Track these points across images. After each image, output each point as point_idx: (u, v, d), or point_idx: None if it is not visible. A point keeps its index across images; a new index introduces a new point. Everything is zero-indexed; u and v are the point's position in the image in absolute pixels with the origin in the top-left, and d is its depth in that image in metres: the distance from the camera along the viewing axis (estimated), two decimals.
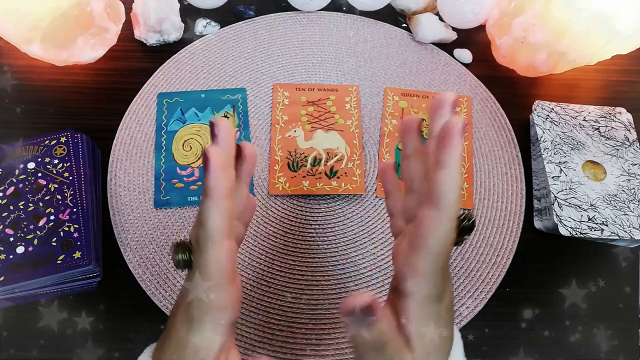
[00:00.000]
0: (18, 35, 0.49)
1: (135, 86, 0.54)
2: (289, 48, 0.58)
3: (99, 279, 0.43)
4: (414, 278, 0.27)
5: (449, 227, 0.26)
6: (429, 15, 0.58)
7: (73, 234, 0.41)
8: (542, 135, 0.49)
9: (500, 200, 0.49)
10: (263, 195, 0.48)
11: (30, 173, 0.44)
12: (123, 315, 0.43)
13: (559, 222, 0.43)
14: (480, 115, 0.54)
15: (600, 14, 0.47)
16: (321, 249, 0.46)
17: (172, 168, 0.49)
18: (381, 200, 0.49)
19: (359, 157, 0.50)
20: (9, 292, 0.40)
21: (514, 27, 0.52)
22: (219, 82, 0.55)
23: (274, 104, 0.53)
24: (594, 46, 0.50)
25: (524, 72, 0.56)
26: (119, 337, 0.42)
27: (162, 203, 0.47)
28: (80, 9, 0.49)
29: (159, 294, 0.43)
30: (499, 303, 0.44)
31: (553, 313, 0.44)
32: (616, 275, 0.46)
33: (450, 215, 0.25)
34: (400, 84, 0.56)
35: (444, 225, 0.26)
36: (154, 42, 0.56)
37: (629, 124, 0.50)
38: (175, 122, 0.52)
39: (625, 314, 0.45)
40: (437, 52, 0.58)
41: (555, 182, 0.46)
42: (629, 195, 0.45)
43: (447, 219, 0.25)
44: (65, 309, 0.42)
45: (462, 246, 0.46)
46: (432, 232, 0.26)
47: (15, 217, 0.42)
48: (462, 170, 0.31)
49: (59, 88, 0.54)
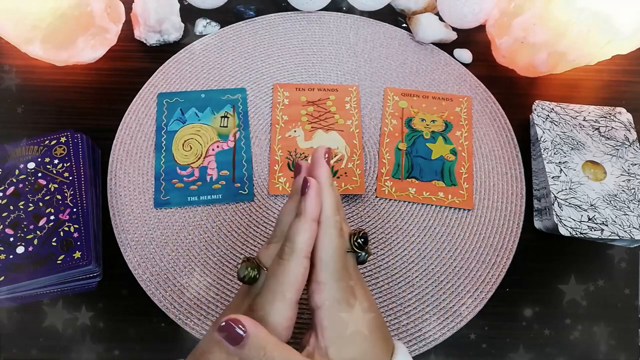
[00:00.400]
0: (18, 35, 0.49)
1: (135, 86, 0.54)
2: (289, 48, 0.58)
3: (99, 279, 0.43)
4: (318, 290, 0.31)
5: (329, 234, 0.31)
6: (429, 15, 0.58)
7: (73, 234, 0.41)
8: (542, 135, 0.49)
9: (500, 200, 0.49)
10: (263, 195, 0.48)
11: (30, 173, 0.44)
12: (123, 315, 0.43)
13: (559, 222, 0.43)
14: (480, 115, 0.54)
15: (600, 14, 0.47)
16: None
17: (172, 168, 0.49)
18: (381, 200, 0.49)
19: (359, 157, 0.50)
20: (9, 292, 0.40)
21: (514, 27, 0.52)
22: (219, 82, 0.55)
23: (274, 104, 0.53)
24: (594, 46, 0.50)
25: (524, 72, 0.56)
26: (119, 337, 0.42)
27: (162, 203, 0.47)
28: (81, 9, 0.49)
29: (159, 294, 0.43)
30: (499, 303, 0.44)
31: (553, 313, 0.44)
32: (616, 275, 0.46)
33: (327, 224, 0.31)
34: (400, 84, 0.56)
35: (324, 233, 0.31)
36: (154, 42, 0.56)
37: (629, 124, 0.50)
38: (175, 122, 0.52)
39: (625, 314, 0.45)
40: (437, 52, 0.58)
41: (555, 182, 0.46)
42: (629, 195, 0.45)
43: (324, 228, 0.31)
44: (65, 309, 0.42)
45: (462, 246, 0.46)
46: (318, 243, 0.31)
47: (15, 217, 0.42)
48: (334, 184, 0.34)
49: (59, 88, 0.54)
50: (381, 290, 0.44)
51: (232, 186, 0.48)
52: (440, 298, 0.44)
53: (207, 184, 0.48)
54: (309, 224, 0.31)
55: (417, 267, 0.45)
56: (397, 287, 0.45)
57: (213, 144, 0.50)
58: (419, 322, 0.43)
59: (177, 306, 0.43)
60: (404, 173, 0.50)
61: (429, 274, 0.45)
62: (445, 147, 0.51)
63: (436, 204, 0.48)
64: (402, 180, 0.49)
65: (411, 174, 0.50)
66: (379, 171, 0.50)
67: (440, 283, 0.45)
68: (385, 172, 0.50)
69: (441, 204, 0.48)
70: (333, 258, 0.31)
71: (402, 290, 0.44)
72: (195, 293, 0.43)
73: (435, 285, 0.45)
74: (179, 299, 0.43)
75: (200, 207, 0.47)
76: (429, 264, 0.46)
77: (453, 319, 0.43)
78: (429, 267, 0.46)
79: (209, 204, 0.47)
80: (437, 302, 0.44)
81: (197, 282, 0.44)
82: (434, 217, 0.48)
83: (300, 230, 0.30)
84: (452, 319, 0.43)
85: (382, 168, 0.50)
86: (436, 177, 0.49)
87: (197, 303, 0.43)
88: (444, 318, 0.43)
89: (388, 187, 0.49)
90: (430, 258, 0.46)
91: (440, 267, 0.45)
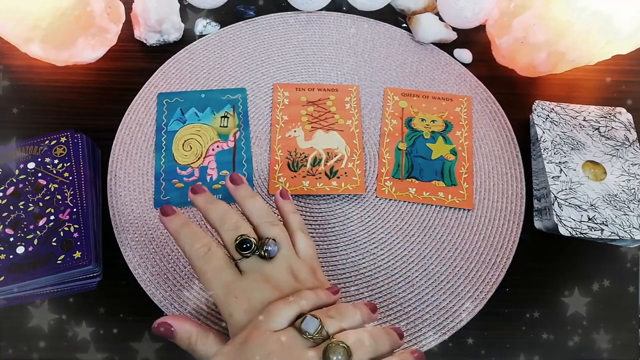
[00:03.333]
0: (18, 35, 0.49)
1: (135, 86, 0.54)
2: (289, 48, 0.58)
3: (99, 279, 0.43)
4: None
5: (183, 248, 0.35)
6: (429, 15, 0.58)
7: (73, 234, 0.41)
8: (542, 135, 0.49)
9: (500, 200, 0.49)
10: (263, 195, 0.48)
11: (30, 173, 0.44)
12: (123, 315, 0.43)
13: (559, 222, 0.43)
14: (480, 115, 0.54)
15: (600, 14, 0.47)
16: (321, 249, 0.46)
17: (172, 168, 0.49)
18: (381, 200, 0.49)
19: (359, 157, 0.50)
20: (8, 292, 0.40)
21: (513, 27, 0.52)
22: (219, 82, 0.55)
23: (274, 104, 0.53)
24: (594, 46, 0.50)
25: (524, 72, 0.56)
26: (119, 337, 0.42)
27: (162, 203, 0.47)
28: (81, 9, 0.49)
29: (159, 294, 0.43)
30: (499, 303, 0.44)
31: (553, 313, 0.44)
32: (616, 275, 0.46)
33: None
34: (400, 84, 0.56)
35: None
36: (154, 42, 0.56)
37: (629, 124, 0.50)
38: (175, 122, 0.52)
39: (626, 314, 0.45)
40: (437, 52, 0.58)
41: (555, 182, 0.46)
42: (629, 195, 0.45)
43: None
44: (65, 309, 0.42)
45: (462, 246, 0.46)
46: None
47: (15, 217, 0.42)
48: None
49: (59, 88, 0.54)
50: (381, 290, 0.44)
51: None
52: (440, 298, 0.44)
53: (207, 184, 0.48)
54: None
55: (417, 267, 0.46)
56: (397, 287, 0.45)
57: (213, 144, 0.51)
58: (419, 322, 0.43)
59: (177, 306, 0.43)
60: (404, 173, 0.50)
61: (429, 274, 0.45)
62: (445, 147, 0.51)
63: (436, 204, 0.48)
64: (402, 180, 0.49)
65: (411, 174, 0.50)
66: (379, 171, 0.50)
67: (440, 283, 0.45)
68: (385, 172, 0.50)
69: (441, 204, 0.48)
70: (195, 268, 0.35)
71: (402, 290, 0.44)
72: (196, 293, 0.43)
73: (435, 286, 0.45)
74: (179, 299, 0.43)
75: None
76: (429, 264, 0.46)
77: (453, 319, 0.43)
78: (429, 267, 0.46)
79: None
80: (437, 302, 0.44)
81: (197, 282, 0.44)
82: (434, 217, 0.48)
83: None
84: (451, 319, 0.43)
85: (382, 168, 0.50)
86: (436, 177, 0.50)
87: (197, 303, 0.43)
88: (443, 318, 0.43)
89: (388, 187, 0.49)
90: (430, 258, 0.46)
91: (440, 267, 0.46)
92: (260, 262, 0.35)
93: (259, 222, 0.37)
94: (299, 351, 0.30)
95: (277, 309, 0.32)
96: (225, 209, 0.37)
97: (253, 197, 0.38)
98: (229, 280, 0.34)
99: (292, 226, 0.39)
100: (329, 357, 0.29)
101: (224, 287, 0.33)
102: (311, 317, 0.31)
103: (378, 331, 0.33)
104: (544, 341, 0.43)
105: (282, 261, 0.35)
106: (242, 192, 0.39)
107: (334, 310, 0.33)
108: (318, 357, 0.30)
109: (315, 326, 0.31)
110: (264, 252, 0.35)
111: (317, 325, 0.31)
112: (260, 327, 0.31)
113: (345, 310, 0.33)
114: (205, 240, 0.35)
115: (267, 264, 0.35)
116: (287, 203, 0.40)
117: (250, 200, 0.38)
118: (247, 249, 0.34)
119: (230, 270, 0.34)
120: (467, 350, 0.43)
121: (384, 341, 0.32)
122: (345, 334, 0.31)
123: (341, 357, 0.29)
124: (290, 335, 0.31)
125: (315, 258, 0.38)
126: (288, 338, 0.30)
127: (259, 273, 0.34)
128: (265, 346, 0.30)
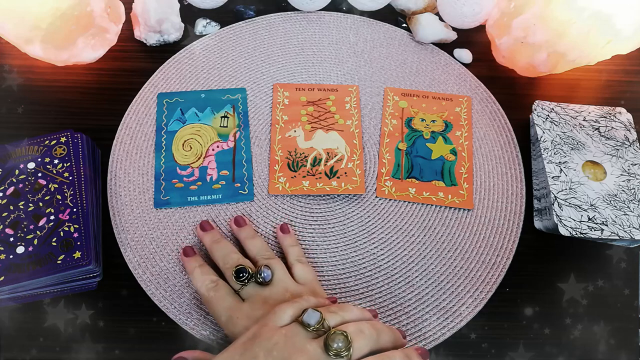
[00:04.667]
0: (18, 35, 0.49)
1: (135, 86, 0.54)
2: (289, 48, 0.58)
3: (99, 279, 0.43)
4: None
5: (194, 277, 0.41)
6: (429, 16, 0.58)
7: (73, 234, 0.41)
8: (542, 135, 0.49)
9: (500, 200, 0.49)
10: (263, 195, 0.48)
11: (30, 173, 0.44)
12: (123, 315, 0.43)
13: (559, 222, 0.43)
14: (480, 115, 0.54)
15: (600, 14, 0.47)
16: (321, 249, 0.46)
17: (172, 168, 0.49)
18: (381, 200, 0.49)
19: (359, 157, 0.50)
20: (8, 292, 0.40)
21: (514, 27, 0.52)
22: (219, 82, 0.55)
23: (274, 104, 0.53)
24: (594, 46, 0.50)
25: (524, 72, 0.56)
26: (119, 337, 0.42)
27: (162, 203, 0.47)
28: (81, 9, 0.49)
29: (159, 294, 0.43)
30: (499, 303, 0.44)
31: (553, 313, 0.44)
32: (616, 275, 0.46)
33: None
34: (400, 84, 0.56)
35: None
36: (154, 42, 0.56)
37: (629, 124, 0.50)
38: (175, 122, 0.52)
39: (625, 314, 0.45)
40: (437, 52, 0.58)
41: (555, 182, 0.46)
42: (629, 195, 0.45)
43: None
44: (65, 309, 0.42)
45: (462, 246, 0.46)
46: None
47: (15, 217, 0.42)
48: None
49: (59, 88, 0.54)
50: (381, 290, 0.44)
51: (232, 186, 0.48)
52: (440, 298, 0.44)
53: (207, 184, 0.48)
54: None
55: (417, 267, 0.46)
56: (397, 287, 0.45)
57: (213, 144, 0.51)
58: (419, 322, 0.43)
59: (177, 306, 0.43)
60: (404, 173, 0.50)
61: (429, 274, 0.45)
62: (445, 147, 0.51)
63: (436, 204, 0.48)
64: (402, 180, 0.49)
65: (411, 174, 0.50)
66: (379, 171, 0.50)
67: (440, 283, 0.45)
68: (385, 172, 0.50)
69: (441, 204, 0.48)
70: (203, 298, 0.41)
71: (402, 290, 0.44)
72: (195, 293, 0.43)
73: (435, 285, 0.45)
74: (179, 299, 0.43)
75: (200, 207, 0.47)
76: (429, 264, 0.46)
77: (453, 319, 0.43)
78: (429, 267, 0.46)
79: (209, 204, 0.47)
80: (437, 302, 0.44)
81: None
82: (434, 217, 0.48)
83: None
84: (452, 319, 0.43)
85: (382, 168, 0.50)
86: (436, 177, 0.50)
87: (197, 303, 0.43)
88: (444, 318, 0.43)
89: (388, 187, 0.49)
90: (430, 258, 0.46)
91: (440, 267, 0.46)
92: (258, 288, 0.39)
93: (257, 257, 0.42)
94: (301, 342, 0.31)
95: (282, 308, 0.34)
96: (228, 249, 0.42)
97: (254, 237, 0.44)
98: (231, 305, 0.38)
99: (290, 258, 0.43)
100: (329, 345, 0.31)
101: (226, 310, 0.38)
102: (312, 310, 0.33)
103: (380, 325, 0.34)
104: (544, 341, 0.43)
105: (278, 284, 0.39)
106: (245, 234, 0.44)
107: (335, 307, 0.35)
108: (319, 347, 0.31)
109: (316, 318, 0.32)
110: (259, 278, 0.39)
111: (318, 317, 0.32)
112: (266, 324, 0.33)
113: (346, 306, 0.36)
114: (214, 278, 0.40)
115: (265, 288, 0.39)
116: (287, 237, 0.45)
117: (251, 240, 0.43)
118: (244, 277, 0.39)
119: (233, 298, 0.39)
120: (467, 351, 0.43)
121: (386, 335, 0.33)
122: (345, 325, 0.33)
123: (341, 344, 0.31)
124: (294, 328, 0.33)
125: (316, 281, 0.41)
126: (291, 331, 0.32)
127: (257, 297, 0.38)
128: (271, 339, 0.32)
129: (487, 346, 0.43)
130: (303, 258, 0.43)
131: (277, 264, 0.40)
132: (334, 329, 0.32)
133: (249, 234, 0.44)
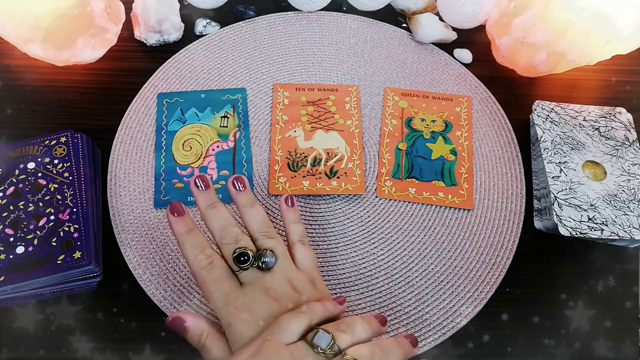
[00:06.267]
0: (18, 35, 0.49)
1: (135, 86, 0.54)
2: (289, 48, 0.58)
3: (99, 279, 0.43)
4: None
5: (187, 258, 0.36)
6: (429, 15, 0.58)
7: (73, 234, 0.41)
8: (542, 135, 0.49)
9: (500, 200, 0.49)
10: (263, 195, 0.48)
11: (30, 173, 0.44)
12: (123, 315, 0.43)
13: (559, 222, 0.43)
14: (480, 115, 0.54)
15: (600, 13, 0.47)
16: (321, 249, 0.46)
17: (172, 168, 0.49)
18: (381, 200, 0.49)
19: (359, 157, 0.50)
20: (8, 292, 0.40)
21: (514, 27, 0.52)
22: (219, 82, 0.55)
23: (274, 104, 0.53)
24: (594, 46, 0.50)
25: (524, 72, 0.56)
26: (119, 337, 0.42)
27: (162, 203, 0.47)
28: (81, 9, 0.49)
29: (159, 294, 0.43)
30: (499, 303, 0.44)
31: (553, 313, 0.44)
32: (616, 275, 0.46)
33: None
34: (400, 84, 0.56)
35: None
36: (154, 42, 0.56)
37: (629, 124, 0.50)
38: (175, 122, 0.52)
39: (625, 314, 0.45)
40: (437, 52, 0.58)
41: (555, 182, 0.46)
42: (629, 195, 0.45)
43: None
44: (65, 308, 0.42)
45: (462, 246, 0.46)
46: None
47: (15, 217, 0.42)
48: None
49: (59, 88, 0.54)
50: (381, 290, 0.44)
51: None
52: (440, 298, 0.44)
53: None
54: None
55: (417, 267, 0.46)
56: (397, 287, 0.45)
57: (213, 144, 0.51)
58: (419, 322, 0.43)
59: (177, 306, 0.43)
60: (404, 173, 0.50)
61: (429, 274, 0.45)
62: (445, 147, 0.51)
63: (436, 204, 0.48)
64: (402, 180, 0.49)
65: (411, 174, 0.50)
66: (379, 171, 0.50)
67: (440, 283, 0.45)
68: (385, 172, 0.50)
69: (441, 204, 0.48)
70: (194, 275, 0.36)
71: (402, 290, 0.44)
72: (195, 293, 0.43)
73: (435, 285, 0.45)
74: (179, 299, 0.43)
75: None
76: (429, 264, 0.46)
77: (453, 319, 0.43)
78: (429, 267, 0.46)
79: None
80: (437, 302, 0.44)
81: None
82: (434, 217, 0.48)
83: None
84: (452, 319, 0.43)
85: (382, 168, 0.50)
86: (436, 177, 0.50)
87: (197, 303, 0.43)
88: (444, 318, 0.43)
89: (388, 187, 0.49)
90: (430, 258, 0.46)
91: (440, 267, 0.46)
92: (258, 274, 0.35)
93: (257, 234, 0.37)
94: None
95: (287, 322, 0.32)
96: (227, 220, 0.37)
97: (253, 205, 0.38)
98: (228, 291, 0.34)
99: (292, 237, 0.39)
100: None
101: (223, 297, 0.34)
102: (323, 331, 0.31)
103: (389, 343, 0.33)
104: (544, 341, 0.43)
105: (280, 272, 0.35)
106: (244, 200, 0.39)
107: (344, 325, 0.33)
108: None
109: (327, 341, 0.31)
110: (262, 264, 0.35)
111: (329, 340, 0.31)
112: (271, 340, 0.31)
113: (356, 324, 0.33)
114: (209, 252, 0.35)
115: (266, 275, 0.35)
116: (291, 211, 0.40)
117: (250, 209, 0.38)
118: (245, 262, 0.35)
119: (230, 281, 0.35)
120: (467, 350, 0.43)
121: (396, 353, 0.32)
122: (356, 349, 0.31)
123: None
124: (302, 349, 0.31)
125: (315, 269, 0.38)
126: (300, 352, 0.30)
127: (257, 284, 0.35)
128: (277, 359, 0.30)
129: (487, 346, 0.43)
130: (305, 239, 0.39)
131: (280, 247, 0.37)
132: (345, 358, 0.30)
133: (249, 200, 0.39)
